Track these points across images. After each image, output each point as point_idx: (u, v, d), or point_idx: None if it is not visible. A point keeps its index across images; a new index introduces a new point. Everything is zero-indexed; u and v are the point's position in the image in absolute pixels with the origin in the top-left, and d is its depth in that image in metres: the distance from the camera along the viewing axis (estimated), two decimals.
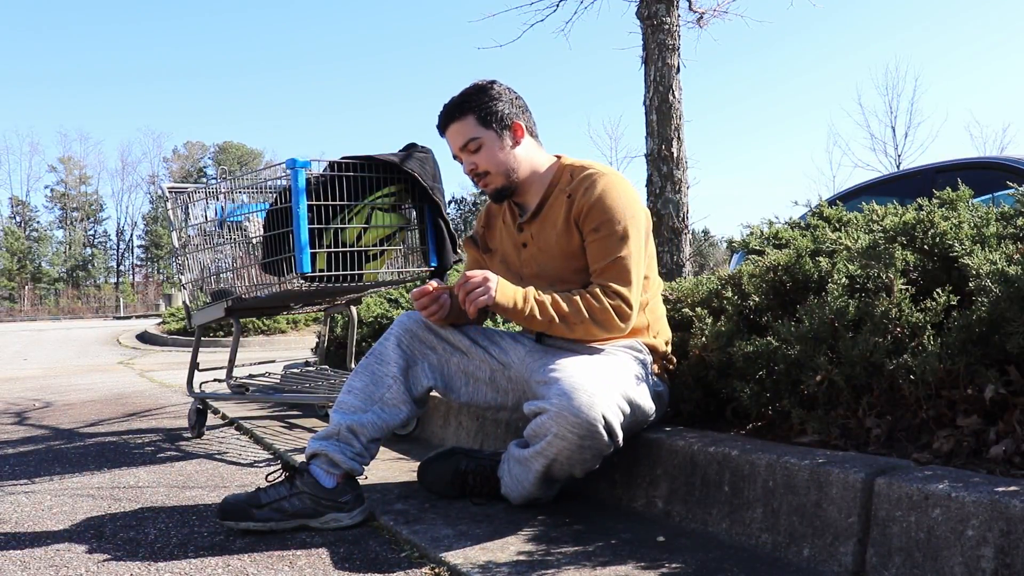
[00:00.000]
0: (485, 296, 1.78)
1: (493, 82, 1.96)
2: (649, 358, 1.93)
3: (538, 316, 1.81)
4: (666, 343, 2.00)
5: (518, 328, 2.11)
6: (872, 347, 1.60)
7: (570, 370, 1.72)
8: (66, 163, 53.83)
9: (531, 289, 1.84)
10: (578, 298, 1.82)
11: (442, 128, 1.97)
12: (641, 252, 1.87)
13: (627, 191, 1.89)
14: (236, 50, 79.56)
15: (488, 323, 2.61)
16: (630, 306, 1.82)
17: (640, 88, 4.20)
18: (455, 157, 1.99)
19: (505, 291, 1.81)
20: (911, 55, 62.98)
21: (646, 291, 1.94)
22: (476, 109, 1.92)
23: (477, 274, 1.81)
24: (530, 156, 1.97)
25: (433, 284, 1.90)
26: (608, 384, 1.70)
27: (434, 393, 2.01)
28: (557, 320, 1.81)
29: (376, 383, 1.89)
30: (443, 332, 1.96)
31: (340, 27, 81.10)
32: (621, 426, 1.70)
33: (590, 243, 1.87)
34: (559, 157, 2.01)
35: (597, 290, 1.82)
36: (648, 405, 1.82)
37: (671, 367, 2.01)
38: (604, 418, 1.65)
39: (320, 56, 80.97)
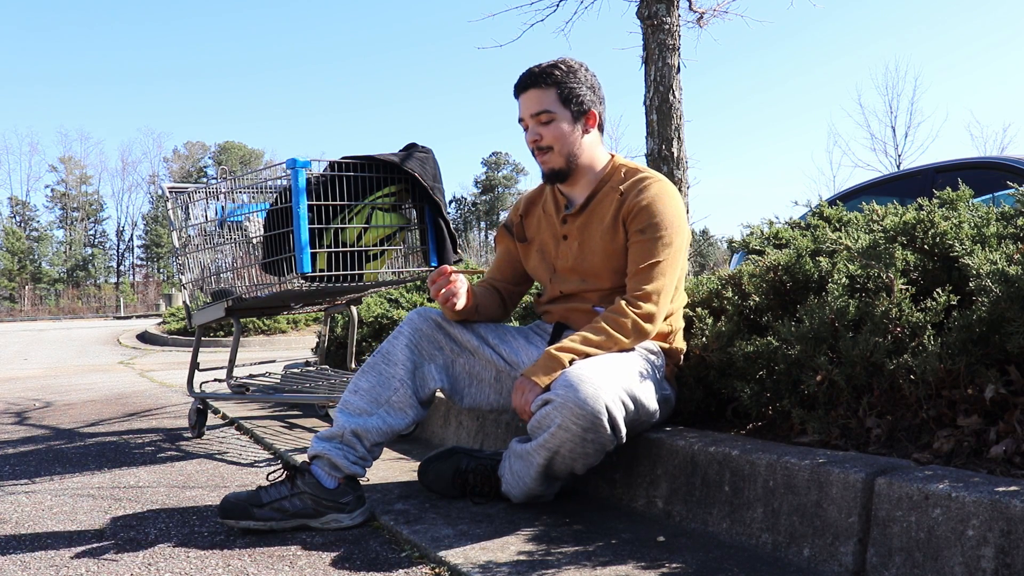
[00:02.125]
0: (532, 393, 1.74)
1: (583, 65, 1.95)
2: (661, 360, 1.93)
3: (578, 359, 1.78)
4: (680, 351, 2.01)
5: (531, 325, 2.12)
6: (872, 347, 1.60)
7: (577, 363, 1.73)
8: (66, 163, 53.85)
9: (557, 347, 1.79)
10: (605, 325, 1.81)
11: (520, 89, 1.93)
12: (678, 263, 1.89)
13: (678, 202, 1.91)
14: (236, 50, 79.65)
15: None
16: (656, 312, 1.83)
17: (640, 88, 4.20)
18: (521, 121, 1.95)
19: (539, 374, 1.76)
20: (911, 55, 63.05)
21: (672, 301, 1.96)
22: (561, 85, 1.90)
23: (515, 397, 1.78)
24: (593, 147, 1.97)
25: (452, 268, 1.90)
26: (614, 378, 1.70)
27: (438, 393, 2.00)
28: (592, 352, 1.80)
29: (383, 384, 1.88)
30: (453, 331, 1.96)
31: (340, 27, 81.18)
32: (624, 421, 1.70)
33: (633, 243, 1.88)
34: (612, 155, 2.02)
35: (622, 304, 1.83)
36: (653, 405, 1.82)
37: (678, 369, 2.02)
38: (608, 410, 1.65)
39: (320, 56, 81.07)
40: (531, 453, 1.76)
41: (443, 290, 1.89)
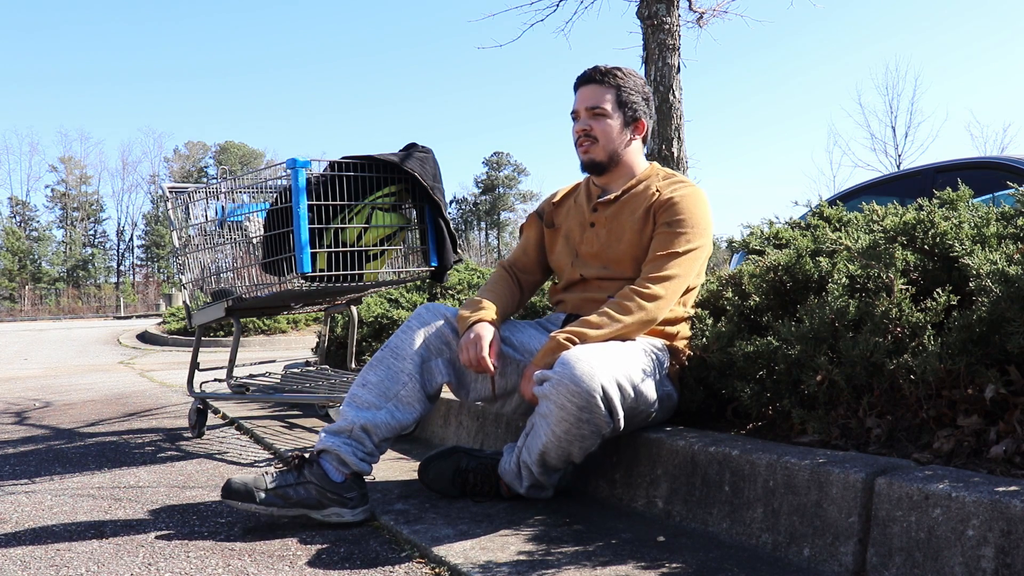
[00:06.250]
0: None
1: (642, 78, 2.09)
2: (665, 356, 1.94)
3: (579, 341, 1.81)
4: (685, 353, 2.02)
5: (541, 319, 2.16)
6: (872, 347, 1.60)
7: (577, 346, 1.76)
8: (66, 163, 53.81)
9: (559, 332, 1.84)
10: (608, 308, 1.86)
11: (583, 81, 2.04)
12: (695, 264, 1.94)
13: (708, 209, 1.99)
14: (237, 50, 79.61)
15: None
16: (662, 296, 1.87)
17: None
18: (574, 113, 2.05)
19: (545, 359, 1.81)
20: (911, 54, 63.00)
21: (684, 304, 2.01)
22: (620, 89, 2.02)
23: (523, 385, 1.85)
24: (636, 154, 2.08)
25: (492, 370, 1.87)
26: (611, 361, 1.72)
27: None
28: (594, 332, 1.82)
29: (392, 379, 1.89)
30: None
31: (340, 27, 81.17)
32: (621, 405, 1.70)
33: (657, 234, 1.95)
34: (652, 163, 2.12)
35: (628, 288, 1.89)
36: (652, 395, 1.82)
37: (681, 370, 2.02)
38: (603, 389, 1.66)
39: (321, 55, 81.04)
40: (529, 432, 1.80)
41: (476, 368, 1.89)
